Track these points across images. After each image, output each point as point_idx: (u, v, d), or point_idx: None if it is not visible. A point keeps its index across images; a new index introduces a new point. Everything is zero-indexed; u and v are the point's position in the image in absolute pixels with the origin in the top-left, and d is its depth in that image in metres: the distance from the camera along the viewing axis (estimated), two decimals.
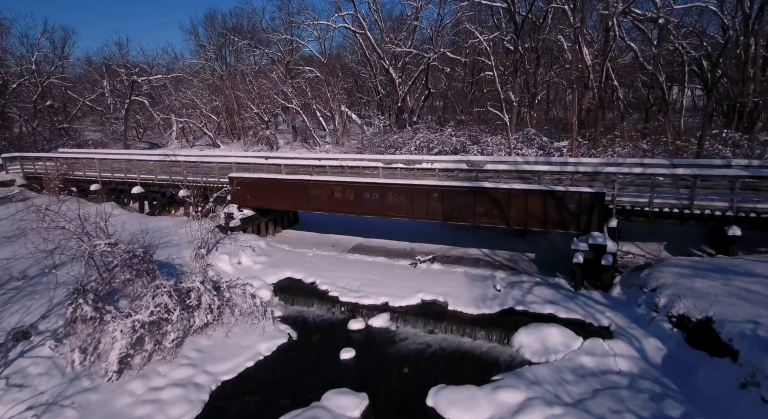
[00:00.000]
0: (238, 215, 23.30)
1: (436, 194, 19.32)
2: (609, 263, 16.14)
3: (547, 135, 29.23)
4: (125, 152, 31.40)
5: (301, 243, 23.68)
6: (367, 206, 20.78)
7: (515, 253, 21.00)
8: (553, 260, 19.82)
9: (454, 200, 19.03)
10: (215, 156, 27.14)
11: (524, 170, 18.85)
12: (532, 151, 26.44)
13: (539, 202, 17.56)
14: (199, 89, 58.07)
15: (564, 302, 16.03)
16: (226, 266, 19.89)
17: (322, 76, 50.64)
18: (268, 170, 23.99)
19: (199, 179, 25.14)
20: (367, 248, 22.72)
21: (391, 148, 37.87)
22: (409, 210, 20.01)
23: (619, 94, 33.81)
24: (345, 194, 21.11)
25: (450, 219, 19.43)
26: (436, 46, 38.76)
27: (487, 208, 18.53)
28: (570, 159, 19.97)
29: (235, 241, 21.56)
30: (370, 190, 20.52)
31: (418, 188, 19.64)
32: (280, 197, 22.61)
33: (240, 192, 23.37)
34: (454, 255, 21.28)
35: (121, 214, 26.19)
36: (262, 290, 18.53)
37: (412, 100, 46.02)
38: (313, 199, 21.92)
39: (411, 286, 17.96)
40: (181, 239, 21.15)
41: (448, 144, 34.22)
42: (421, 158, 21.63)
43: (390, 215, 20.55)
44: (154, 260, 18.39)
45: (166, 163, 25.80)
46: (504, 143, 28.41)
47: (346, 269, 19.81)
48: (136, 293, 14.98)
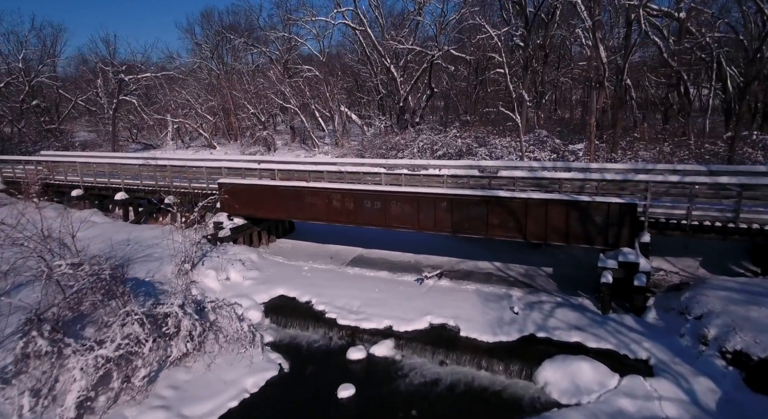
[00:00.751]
0: (227, 225, 21.27)
1: (445, 204, 17.31)
2: (643, 284, 14.12)
3: (559, 137, 27.24)
4: (109, 155, 29.41)
5: (297, 255, 21.66)
6: (368, 216, 18.76)
7: (530, 267, 18.98)
8: (573, 276, 17.81)
9: (465, 211, 17.01)
10: (204, 160, 25.11)
11: (543, 178, 16.81)
12: (544, 154, 24.44)
13: (561, 213, 15.54)
14: (195, 89, 56.03)
15: (592, 328, 14.01)
16: (213, 283, 17.87)
17: (321, 76, 48.60)
18: (261, 175, 21.95)
19: (186, 185, 23.10)
20: (368, 260, 20.69)
21: (392, 150, 35.87)
22: (415, 221, 18.00)
23: (632, 93, 31.81)
24: (344, 203, 19.09)
25: (460, 231, 17.40)
26: (440, 44, 36.69)
27: (501, 219, 16.51)
28: (592, 165, 17.95)
29: (224, 253, 19.55)
30: (372, 198, 18.50)
31: (425, 197, 17.62)
32: (273, 205, 20.58)
33: (230, 199, 21.35)
34: (463, 269, 19.26)
35: (103, 222, 24.19)
36: (251, 311, 16.54)
37: (414, 100, 43.99)
38: (309, 207, 19.89)
39: (417, 307, 15.95)
40: (164, 251, 19.10)
41: (452, 146, 32.22)
42: (426, 163, 19.62)
43: (393, 227, 18.53)
44: (131, 278, 16.41)
45: (151, 167, 23.77)
46: (514, 145, 26.39)
47: (345, 286, 17.79)
48: (105, 320, 12.93)
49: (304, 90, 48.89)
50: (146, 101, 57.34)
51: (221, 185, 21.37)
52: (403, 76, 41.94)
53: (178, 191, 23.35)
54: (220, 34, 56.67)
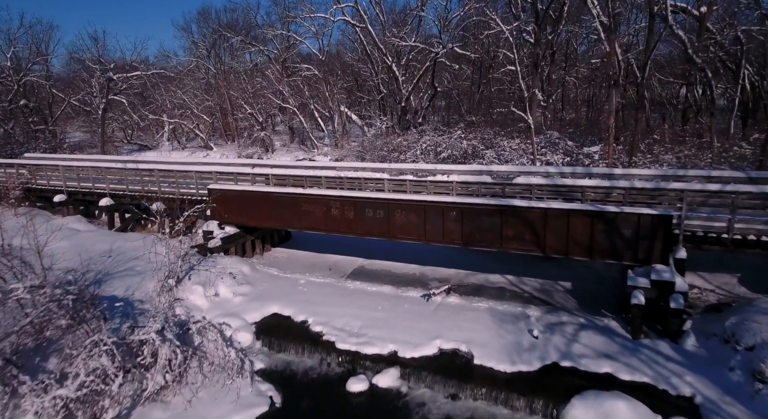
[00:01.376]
0: (218, 234, 19.58)
1: (454, 213, 15.63)
2: (680, 306, 12.45)
3: (571, 138, 25.57)
4: (94, 157, 27.72)
5: (293, 266, 19.97)
6: (370, 225, 17.08)
7: (546, 281, 17.31)
8: (594, 291, 16.15)
9: (477, 221, 15.33)
10: (193, 163, 23.43)
11: (564, 185, 15.12)
12: (557, 157, 22.78)
13: (584, 225, 13.86)
14: (191, 88, 54.33)
15: (623, 355, 12.34)
16: (200, 300, 16.19)
17: (320, 75, 46.93)
18: (255, 180, 20.26)
19: (175, 190, 21.41)
20: (370, 272, 19.02)
21: (394, 151, 34.22)
22: (421, 232, 16.32)
23: (645, 93, 30.15)
24: (344, 211, 17.41)
25: (471, 244, 15.72)
26: (443, 41, 34.98)
27: (517, 231, 14.84)
28: (615, 170, 16.27)
29: (214, 266, 17.87)
30: (374, 207, 16.82)
31: (432, 206, 15.94)
32: (267, 213, 18.90)
33: (221, 207, 19.67)
34: (473, 283, 17.60)
35: (86, 230, 22.49)
36: (241, 333, 14.86)
37: (416, 100, 42.31)
38: (305, 216, 18.21)
39: (425, 329, 14.27)
40: (147, 264, 17.37)
41: (457, 148, 30.56)
42: (433, 168, 17.96)
43: (398, 238, 16.84)
44: (107, 297, 14.74)
45: (137, 171, 22.07)
46: (524, 147, 24.72)
47: (345, 304, 16.11)
48: (69, 352, 11.25)
49: (303, 89, 47.23)
50: (142, 101, 55.68)
51: (211, 191, 19.69)
52: (404, 75, 40.26)
53: (166, 197, 21.65)
54: (217, 32, 54.93)
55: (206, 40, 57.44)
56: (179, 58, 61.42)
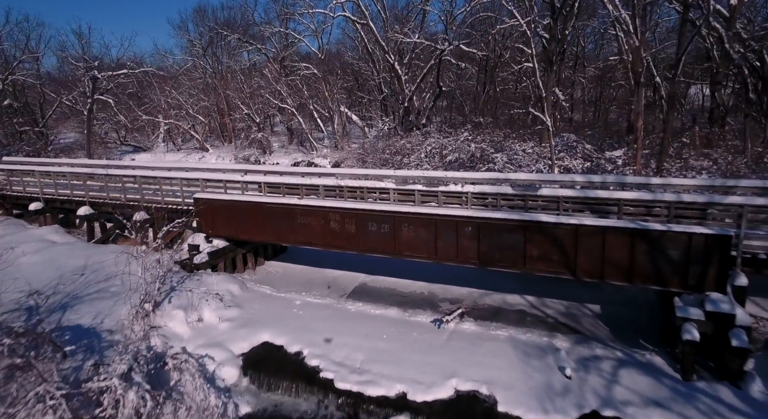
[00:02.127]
0: (205, 248, 17.54)
1: (470, 229, 13.59)
2: (744, 344, 10.42)
3: (590, 142, 23.53)
4: (76, 162, 25.66)
5: (288, 283, 17.95)
6: (373, 241, 15.04)
7: (572, 304, 15.28)
8: (627, 317, 14.13)
9: (496, 238, 13.30)
10: (180, 169, 21.37)
11: (598, 198, 13.07)
12: (576, 162, 20.76)
13: (623, 245, 11.83)
14: (187, 88, 52.24)
15: (676, 402, 10.31)
16: (181, 327, 14.14)
17: (319, 74, 44.85)
18: (247, 188, 18.21)
19: (159, 199, 19.37)
20: (373, 291, 16.99)
21: (397, 154, 32.22)
22: (431, 249, 14.28)
23: (662, 92, 28.12)
24: (344, 225, 15.36)
25: (489, 264, 13.68)
26: (449, 37, 32.89)
27: (543, 250, 12.80)
28: (653, 180, 14.21)
29: (199, 285, 15.81)
30: (378, 220, 14.78)
31: (444, 220, 13.90)
32: (259, 226, 16.87)
33: (208, 218, 17.64)
34: (488, 305, 15.57)
35: (63, 242, 20.40)
36: (226, 368, 12.84)
37: (419, 100, 40.21)
38: (301, 229, 16.17)
39: (438, 364, 12.23)
40: (125, 284, 15.32)
41: (464, 151, 28.55)
42: (443, 175, 15.91)
43: (405, 255, 14.80)
44: (71, 326, 12.70)
45: (118, 177, 20.03)
46: (538, 151, 22.69)
47: (346, 330, 14.07)
48: (6, 409, 9.21)
49: (301, 89, 45.15)
50: (137, 101, 53.58)
51: (198, 201, 17.64)
52: (407, 74, 38.19)
53: (150, 206, 19.60)
54: (213, 31, 52.81)
55: (203, 38, 55.32)
56: (175, 56, 59.33)
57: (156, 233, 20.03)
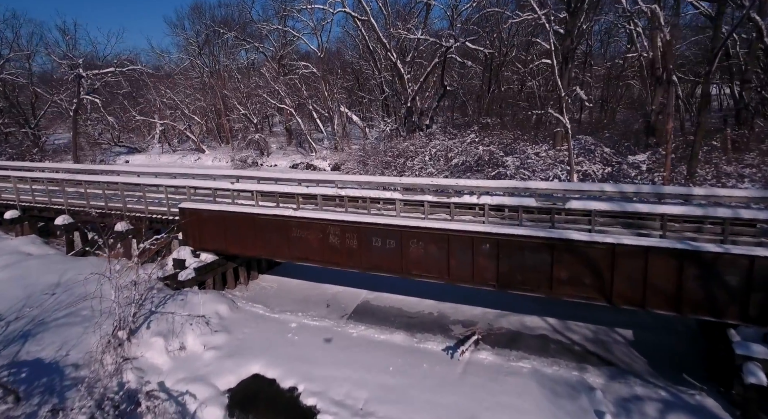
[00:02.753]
0: (191, 263, 15.79)
1: (488, 246, 11.84)
2: None
3: (608, 144, 21.76)
4: (57, 166, 23.84)
5: (283, 300, 16.22)
6: (377, 258, 13.30)
7: (599, 328, 13.53)
8: (665, 345, 12.39)
9: (518, 258, 11.56)
10: (166, 174, 19.58)
11: (637, 213, 11.30)
12: (596, 167, 19.00)
13: (670, 269, 10.09)
14: (182, 88, 50.42)
15: None
16: (160, 357, 12.39)
17: (318, 73, 43.05)
18: (238, 196, 16.44)
19: (142, 208, 17.60)
20: (377, 311, 15.25)
21: (400, 157, 30.47)
22: (443, 269, 12.53)
23: (679, 91, 26.37)
24: (344, 239, 13.62)
25: (510, 287, 11.94)
26: (455, 33, 31.08)
27: (573, 273, 11.06)
28: (696, 190, 12.42)
29: (183, 305, 14.09)
30: (383, 235, 13.03)
31: (459, 236, 12.15)
32: (250, 239, 15.12)
33: (195, 230, 15.89)
34: (506, 329, 13.82)
35: (39, 254, 18.65)
36: (209, 407, 11.10)
37: (422, 100, 38.38)
38: (297, 244, 14.43)
39: (453, 405, 10.48)
40: (98, 306, 13.56)
41: (471, 154, 26.80)
42: (455, 183, 14.12)
43: (413, 275, 13.07)
44: (29, 361, 10.95)
45: (98, 184, 18.25)
46: (551, 154, 20.92)
47: (347, 361, 12.32)
48: None
49: (300, 88, 43.36)
50: (132, 101, 51.76)
51: (184, 212, 15.90)
52: (410, 73, 36.37)
53: (133, 216, 17.85)
54: (209, 28, 50.98)
55: (199, 36, 53.47)
56: (171, 54, 57.50)
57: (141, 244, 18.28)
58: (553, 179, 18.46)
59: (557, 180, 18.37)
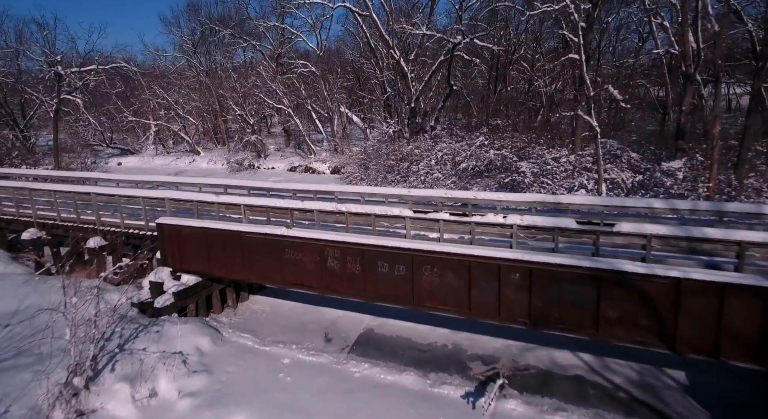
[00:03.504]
0: (170, 287, 13.67)
1: (518, 276, 9.73)
2: None
3: (633, 149, 19.65)
4: (26, 173, 21.65)
5: (275, 328, 14.12)
6: (384, 286, 11.20)
7: (643, 366, 11.42)
8: (729, 393, 10.29)
9: (555, 291, 9.45)
10: (144, 183, 17.49)
11: (706, 239, 9.19)
12: (626, 175, 16.90)
13: (753, 311, 7.98)
14: (176, 87, 48.27)
15: None
16: (125, 408, 10.27)
17: (318, 72, 40.92)
18: (225, 209, 14.31)
19: (118, 221, 15.49)
20: (382, 342, 13.14)
21: (403, 160, 28.35)
22: (463, 301, 10.42)
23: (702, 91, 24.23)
24: (346, 263, 11.51)
25: (545, 325, 9.84)
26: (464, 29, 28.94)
27: (625, 311, 8.96)
28: (766, 207, 10.37)
29: (158, 339, 12.00)
30: (391, 259, 10.93)
31: (482, 263, 10.04)
32: (237, 261, 13.01)
33: (175, 249, 13.77)
34: (533, 367, 11.71)
35: (3, 273, 16.51)
36: None
37: (425, 101, 36.21)
38: (291, 267, 12.32)
39: None
40: (57, 342, 11.42)
41: (481, 158, 24.68)
42: (473, 197, 12.04)
43: (426, 307, 10.98)
44: None
45: (70, 194, 16.13)
46: (574, 160, 18.81)
47: (347, 413, 10.22)
48: None
49: (299, 88, 41.22)
50: (125, 101, 49.61)
51: (162, 228, 13.77)
52: (413, 71, 34.20)
53: (108, 230, 15.74)
54: (204, 25, 48.83)
55: (194, 34, 51.30)
56: (166, 52, 55.28)
57: (117, 262, 16.19)
58: (578, 190, 16.44)
59: (583, 191, 16.36)
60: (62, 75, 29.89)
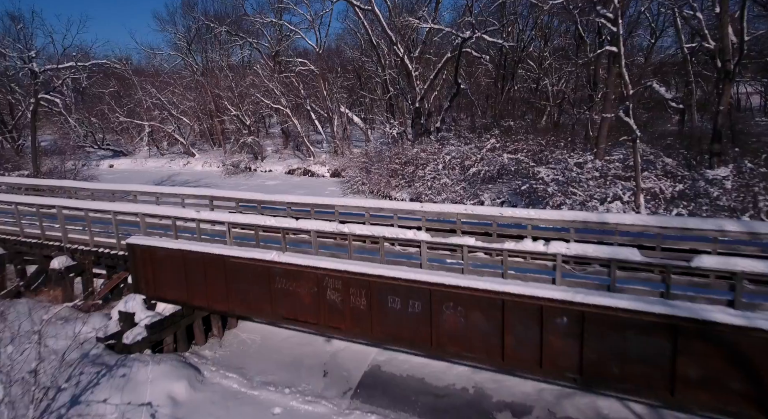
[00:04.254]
0: (143, 318, 11.58)
1: (566, 321, 7.65)
2: None
3: (666, 154, 17.53)
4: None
5: (266, 364, 12.03)
6: (396, 326, 9.12)
7: None
8: None
9: (615, 342, 7.37)
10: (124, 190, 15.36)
11: None
12: (665, 185, 14.79)
13: None
14: (170, 87, 46.08)
15: None
16: None
17: (317, 71, 38.77)
18: (203, 227, 12.16)
19: (87, 238, 13.37)
20: (391, 383, 11.04)
21: (408, 164, 26.25)
22: (494, 348, 8.34)
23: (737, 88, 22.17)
24: (348, 296, 9.42)
25: (601, 384, 7.79)
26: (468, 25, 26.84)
27: (709, 372, 6.87)
28: None
29: (124, 385, 9.92)
30: (405, 294, 8.85)
31: (519, 303, 7.94)
32: (220, 289, 10.92)
33: (149, 273, 11.66)
34: None
35: None
36: None
37: (429, 101, 34.01)
38: (283, 298, 10.23)
39: None
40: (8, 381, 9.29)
41: (493, 163, 22.59)
42: (499, 214, 9.95)
43: (448, 353, 8.92)
44: None
45: (33, 206, 13.99)
46: (601, 167, 16.71)
47: None
48: None
49: (297, 87, 39.06)
50: (118, 101, 47.42)
51: (133, 249, 11.66)
52: (417, 70, 32.05)
53: (76, 249, 13.62)
54: (199, 22, 46.63)
55: (190, 32, 49.08)
56: (160, 51, 53.03)
57: (87, 286, 14.08)
58: (612, 202, 14.37)
59: (618, 203, 14.26)
60: (37, 72, 27.65)
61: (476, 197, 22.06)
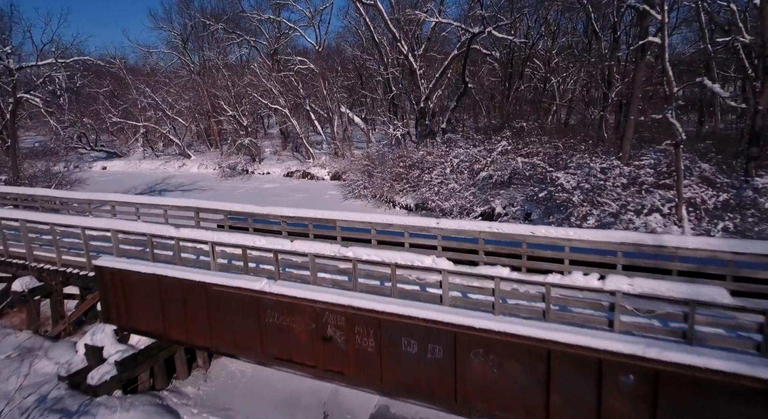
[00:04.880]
0: (113, 353, 9.82)
1: (632, 380, 5.90)
2: None
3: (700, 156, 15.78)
4: None
5: (257, 404, 10.28)
6: (411, 373, 7.39)
7: None
8: None
9: (701, 410, 5.60)
10: (101, 200, 13.61)
11: None
12: (707, 194, 13.04)
13: None
14: (166, 86, 44.29)
15: None
16: None
17: (317, 69, 37.01)
18: (183, 249, 10.38)
19: (54, 256, 11.60)
20: None
21: (414, 168, 24.51)
22: (536, 408, 6.61)
23: None
24: (353, 336, 7.70)
25: None
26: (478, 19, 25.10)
27: None
28: None
29: None
30: (422, 336, 7.13)
31: (573, 355, 6.18)
32: (202, 322, 9.17)
33: (121, 300, 9.91)
34: None
35: None
36: None
37: (435, 100, 32.23)
38: (276, 335, 8.50)
39: None
40: None
41: (505, 166, 20.85)
42: (531, 232, 8.25)
43: (477, 410, 7.12)
44: None
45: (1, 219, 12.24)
46: (628, 174, 14.96)
47: None
48: None
49: (297, 87, 37.28)
50: (113, 101, 45.61)
51: (102, 272, 9.90)
52: (422, 68, 30.27)
53: (42, 268, 11.86)
54: (195, 19, 44.84)
55: (186, 30, 47.26)
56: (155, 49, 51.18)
57: (56, 309, 12.37)
58: (650, 214, 12.59)
59: (657, 214, 12.47)
60: (12, 70, 25.76)
61: (487, 203, 20.35)
